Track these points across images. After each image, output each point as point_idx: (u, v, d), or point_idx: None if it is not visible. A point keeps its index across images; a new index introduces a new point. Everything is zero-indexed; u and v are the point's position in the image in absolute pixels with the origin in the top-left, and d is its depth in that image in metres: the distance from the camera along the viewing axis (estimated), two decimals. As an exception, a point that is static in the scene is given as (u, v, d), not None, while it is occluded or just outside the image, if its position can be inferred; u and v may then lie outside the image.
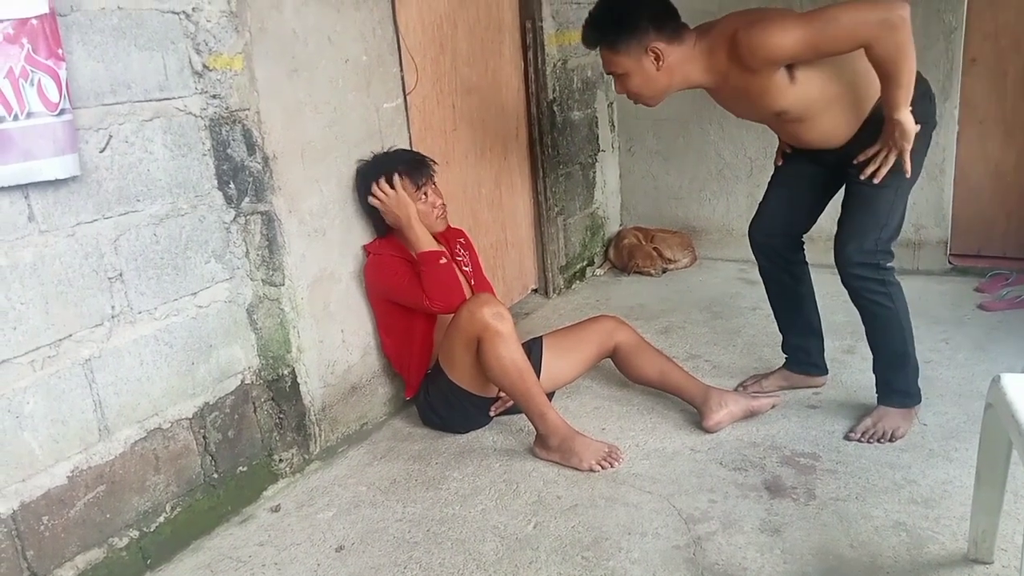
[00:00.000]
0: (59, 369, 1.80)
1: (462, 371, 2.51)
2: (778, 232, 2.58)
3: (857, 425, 2.44)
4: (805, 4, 3.44)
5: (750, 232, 2.62)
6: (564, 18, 3.77)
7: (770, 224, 2.58)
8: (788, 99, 2.16)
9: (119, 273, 1.92)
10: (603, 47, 2.21)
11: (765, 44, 2.04)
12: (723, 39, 2.13)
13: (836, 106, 2.21)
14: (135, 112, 1.92)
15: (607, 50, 2.21)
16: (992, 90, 3.68)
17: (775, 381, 2.74)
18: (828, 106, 2.20)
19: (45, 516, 1.79)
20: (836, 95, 2.19)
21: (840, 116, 2.22)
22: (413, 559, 2.01)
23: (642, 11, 2.15)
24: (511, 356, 2.36)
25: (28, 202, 1.71)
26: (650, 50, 2.15)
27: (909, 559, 1.88)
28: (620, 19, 2.16)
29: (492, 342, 2.35)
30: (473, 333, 2.39)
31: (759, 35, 2.04)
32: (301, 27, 2.35)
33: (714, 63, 2.18)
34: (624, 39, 2.15)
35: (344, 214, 2.57)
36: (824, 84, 2.16)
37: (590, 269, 4.27)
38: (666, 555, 1.96)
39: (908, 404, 2.43)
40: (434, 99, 3.04)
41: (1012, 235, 3.78)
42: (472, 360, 2.45)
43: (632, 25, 2.14)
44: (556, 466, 2.39)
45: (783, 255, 2.62)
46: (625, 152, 4.48)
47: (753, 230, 2.61)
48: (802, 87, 2.14)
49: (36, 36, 1.60)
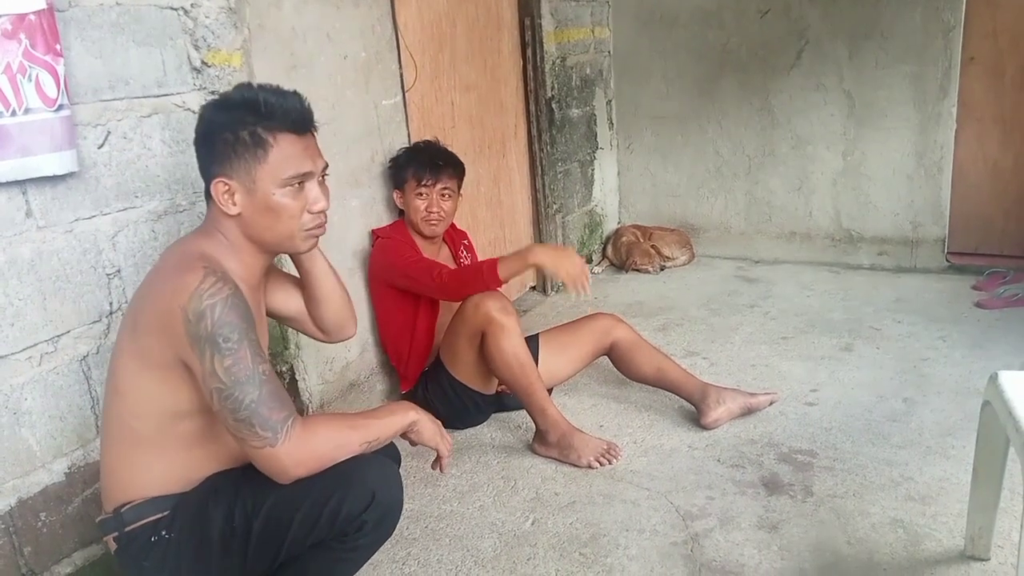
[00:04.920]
0: (57, 365, 1.80)
1: (464, 365, 2.50)
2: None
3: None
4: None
5: None
6: (563, 15, 3.77)
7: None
8: None
9: (117, 270, 1.91)
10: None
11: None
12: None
13: None
14: (133, 108, 1.92)
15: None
16: (990, 89, 3.68)
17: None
18: None
19: (43, 512, 1.79)
20: None
21: None
22: (411, 556, 2.01)
23: None
24: (514, 350, 2.36)
25: (26, 198, 1.70)
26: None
27: (906, 556, 1.88)
28: None
29: (496, 335, 2.35)
30: (477, 326, 2.39)
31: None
32: (300, 24, 2.35)
33: None
34: None
35: (342, 210, 2.56)
36: None
37: (588, 267, 4.26)
38: (664, 551, 1.96)
39: None
40: (433, 96, 3.04)
41: (1010, 233, 3.79)
42: (475, 355, 2.45)
43: None
44: (554, 463, 2.39)
45: None
46: (624, 150, 4.49)
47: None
48: None
49: (34, 31, 1.60)
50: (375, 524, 1.47)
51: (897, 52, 3.70)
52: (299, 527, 1.43)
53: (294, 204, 1.49)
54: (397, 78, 2.77)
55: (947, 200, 3.79)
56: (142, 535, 1.45)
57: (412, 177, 2.61)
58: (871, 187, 3.92)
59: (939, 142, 3.72)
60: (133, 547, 1.46)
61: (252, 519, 1.43)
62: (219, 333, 1.32)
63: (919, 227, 3.87)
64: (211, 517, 1.44)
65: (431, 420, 1.63)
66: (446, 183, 2.62)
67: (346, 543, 1.47)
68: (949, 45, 3.60)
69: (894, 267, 3.95)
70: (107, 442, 1.50)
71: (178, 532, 1.45)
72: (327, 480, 1.41)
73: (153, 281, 1.44)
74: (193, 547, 1.45)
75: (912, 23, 3.65)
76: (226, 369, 1.33)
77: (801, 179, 4.07)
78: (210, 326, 1.32)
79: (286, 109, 1.46)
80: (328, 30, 2.45)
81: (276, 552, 1.45)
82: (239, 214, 1.47)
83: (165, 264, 1.46)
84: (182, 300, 1.33)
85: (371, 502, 1.44)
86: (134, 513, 1.45)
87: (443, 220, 2.65)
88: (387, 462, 1.56)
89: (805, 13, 3.84)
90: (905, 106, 3.75)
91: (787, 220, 4.16)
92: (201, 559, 1.45)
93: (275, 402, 1.35)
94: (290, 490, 1.40)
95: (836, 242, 4.07)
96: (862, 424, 2.49)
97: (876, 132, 3.84)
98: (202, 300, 1.32)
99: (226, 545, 1.44)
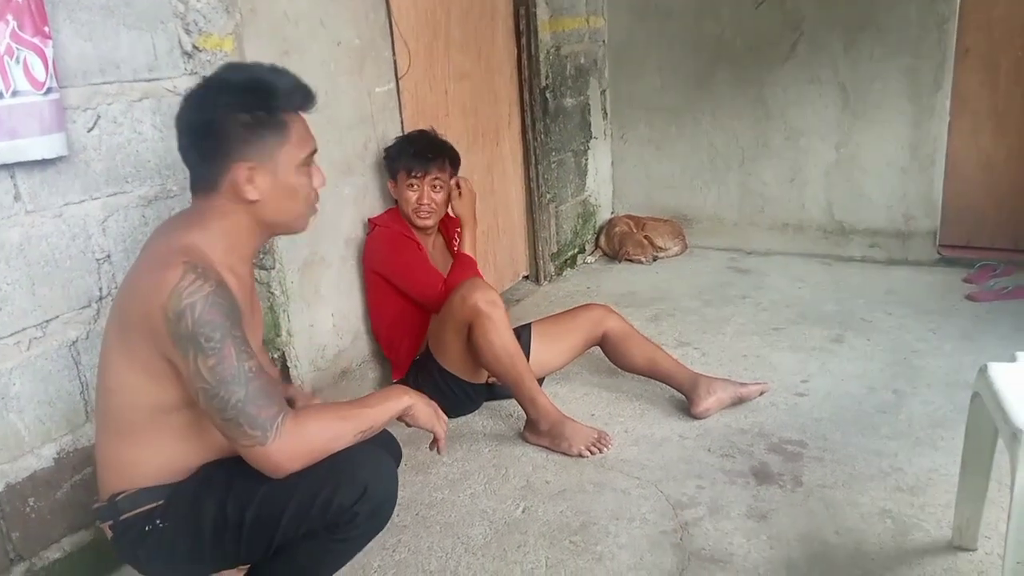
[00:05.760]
0: (46, 350, 1.79)
1: (453, 357, 2.51)
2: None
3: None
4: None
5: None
6: (557, 5, 3.75)
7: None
8: None
9: (107, 255, 1.90)
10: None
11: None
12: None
13: None
14: (124, 92, 1.90)
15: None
16: (984, 81, 3.68)
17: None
18: None
19: (31, 498, 1.78)
20: None
21: None
22: (402, 543, 2.02)
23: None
24: (502, 341, 2.36)
25: (14, 182, 1.69)
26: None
27: (894, 546, 1.89)
28: None
29: (484, 327, 2.35)
30: (465, 318, 2.39)
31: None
32: (292, 9, 2.33)
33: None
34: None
35: (335, 198, 2.55)
36: None
37: (581, 256, 4.27)
38: (653, 540, 1.97)
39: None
40: (427, 84, 3.02)
41: (1001, 226, 3.80)
42: (463, 346, 2.45)
43: None
44: (545, 451, 2.39)
45: None
46: (617, 140, 4.48)
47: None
48: None
49: (21, 13, 1.58)
50: (367, 516, 1.46)
51: (892, 44, 3.70)
52: (291, 518, 1.43)
53: (307, 183, 1.50)
54: (391, 65, 2.76)
55: (939, 193, 3.80)
56: (137, 524, 1.45)
57: (403, 169, 2.61)
58: (864, 179, 3.92)
59: (932, 135, 3.73)
60: (128, 535, 1.46)
61: (244, 509, 1.43)
62: (200, 332, 1.30)
63: (911, 219, 3.87)
64: (204, 507, 1.44)
65: (426, 403, 1.62)
66: (436, 174, 2.62)
67: (337, 534, 1.46)
68: (943, 38, 3.60)
69: (886, 259, 3.96)
70: (101, 431, 1.49)
71: (172, 521, 1.44)
72: (320, 472, 1.41)
73: (136, 276, 1.42)
74: (186, 536, 1.45)
75: (907, 16, 3.64)
76: (210, 369, 1.31)
77: (794, 171, 4.07)
78: (191, 325, 1.30)
79: (294, 88, 1.45)
80: (321, 16, 2.43)
81: (268, 542, 1.45)
82: (256, 199, 1.44)
83: (148, 256, 1.44)
84: (162, 299, 1.30)
85: (363, 494, 1.43)
86: (129, 502, 1.45)
87: (434, 212, 2.65)
88: (382, 454, 1.55)
89: (800, 5, 3.83)
90: (899, 98, 3.75)
91: (780, 212, 4.17)
92: (194, 548, 1.45)
93: (263, 399, 1.33)
94: (282, 481, 1.39)
95: (828, 234, 4.08)
96: (852, 415, 2.50)
97: (870, 124, 3.84)
98: (181, 299, 1.30)
99: (219, 534, 1.44)
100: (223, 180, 1.42)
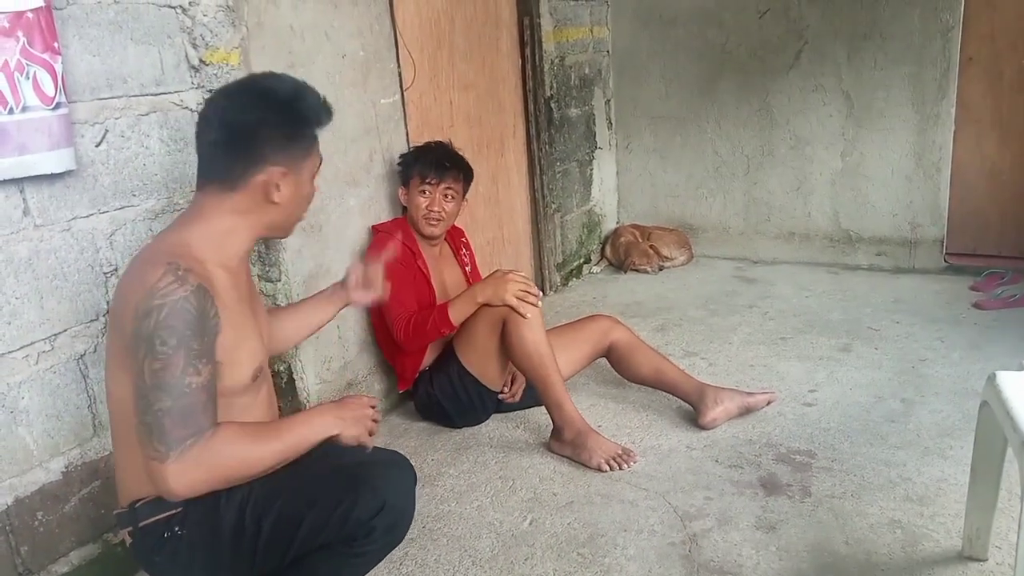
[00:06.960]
0: (54, 364, 1.79)
1: (479, 355, 2.50)
2: None
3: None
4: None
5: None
6: (562, 15, 3.77)
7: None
8: None
9: (114, 268, 1.91)
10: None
11: None
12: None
13: None
14: (131, 106, 1.91)
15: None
16: (989, 90, 3.69)
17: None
18: None
19: (39, 511, 1.78)
20: None
21: None
22: (409, 555, 2.01)
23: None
24: (535, 339, 2.36)
25: (23, 196, 1.70)
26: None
27: (904, 556, 1.88)
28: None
29: (518, 324, 2.36)
30: (500, 314, 2.39)
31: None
32: (298, 22, 2.34)
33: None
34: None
35: (340, 210, 2.56)
36: None
37: (587, 266, 4.27)
38: (662, 552, 1.96)
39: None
40: (431, 95, 3.04)
41: (1007, 234, 3.79)
42: (494, 343, 2.45)
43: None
44: (552, 463, 2.39)
45: None
46: (622, 149, 4.48)
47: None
48: None
49: (32, 29, 1.59)
50: (384, 531, 1.47)
51: (896, 53, 3.70)
52: (308, 529, 1.43)
53: (313, 193, 1.57)
54: (396, 77, 2.77)
55: (945, 201, 3.80)
56: (155, 531, 1.45)
57: (417, 174, 2.61)
58: (869, 188, 3.92)
59: (937, 143, 3.73)
60: (147, 542, 1.47)
61: (262, 518, 1.44)
62: (157, 335, 1.30)
63: (917, 228, 3.87)
64: (222, 515, 1.44)
65: (352, 423, 1.50)
66: (450, 184, 2.62)
67: (354, 547, 1.47)
68: (947, 46, 3.61)
69: (892, 268, 3.95)
70: (116, 438, 1.50)
71: (190, 529, 1.45)
72: (340, 483, 1.42)
73: (124, 277, 1.44)
74: (204, 544, 1.45)
75: (911, 24, 3.65)
76: (153, 372, 1.31)
77: (800, 179, 4.07)
78: (151, 326, 1.30)
79: (322, 106, 1.51)
80: (326, 28, 2.44)
81: (285, 551, 1.46)
82: (279, 203, 1.48)
83: (137, 257, 1.46)
84: (137, 296, 1.32)
85: (381, 508, 1.44)
86: (148, 509, 1.46)
87: (443, 221, 2.64)
88: (403, 470, 1.55)
89: (804, 13, 3.84)
90: (903, 107, 3.75)
91: (786, 220, 4.17)
92: (212, 556, 1.46)
93: (184, 419, 1.31)
94: (301, 491, 1.40)
95: (834, 242, 4.08)
96: (860, 425, 2.49)
97: (875, 133, 3.84)
98: (152, 299, 1.31)
99: (236, 543, 1.45)
100: (251, 180, 1.45)
